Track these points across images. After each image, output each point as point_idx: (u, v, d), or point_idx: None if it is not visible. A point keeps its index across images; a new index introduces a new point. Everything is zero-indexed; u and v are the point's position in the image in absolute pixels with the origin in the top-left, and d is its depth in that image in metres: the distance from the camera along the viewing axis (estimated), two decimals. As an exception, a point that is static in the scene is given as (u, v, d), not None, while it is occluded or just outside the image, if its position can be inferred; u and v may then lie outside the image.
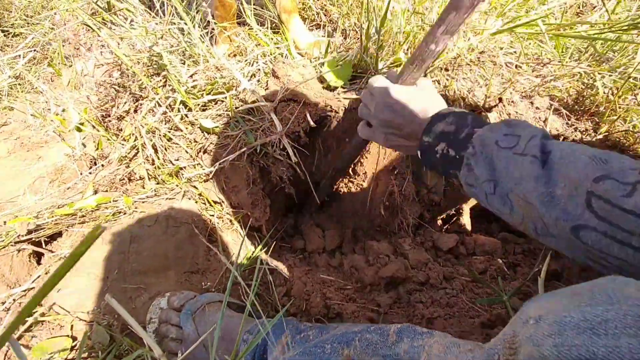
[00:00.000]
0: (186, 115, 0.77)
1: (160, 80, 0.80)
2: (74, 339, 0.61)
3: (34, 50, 1.33)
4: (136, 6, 0.95)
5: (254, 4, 0.94)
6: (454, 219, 1.02)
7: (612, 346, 0.24)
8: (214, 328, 0.54)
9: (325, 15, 0.96)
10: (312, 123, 0.77)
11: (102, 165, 0.84)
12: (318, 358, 0.47)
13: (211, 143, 0.76)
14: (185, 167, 0.77)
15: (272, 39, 0.87)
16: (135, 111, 0.81)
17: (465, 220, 1.00)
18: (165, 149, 0.77)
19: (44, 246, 0.70)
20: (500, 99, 0.86)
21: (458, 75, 0.86)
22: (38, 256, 0.72)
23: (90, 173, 0.83)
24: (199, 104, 0.78)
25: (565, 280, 0.80)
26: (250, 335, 0.55)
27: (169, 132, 0.77)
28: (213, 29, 0.88)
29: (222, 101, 0.78)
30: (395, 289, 0.75)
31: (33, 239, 0.69)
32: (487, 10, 0.91)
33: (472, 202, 1.00)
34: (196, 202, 0.78)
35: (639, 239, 0.32)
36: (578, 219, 0.36)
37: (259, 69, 0.81)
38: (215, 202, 0.79)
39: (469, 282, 0.77)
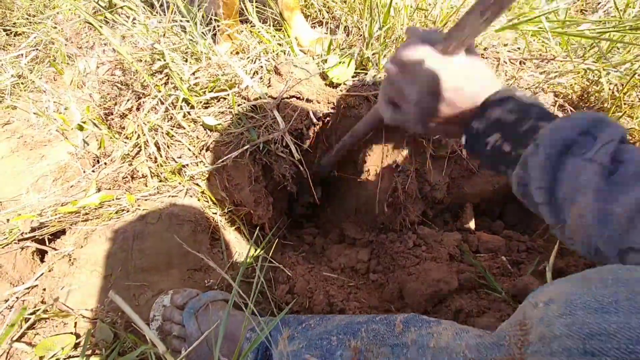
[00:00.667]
0: (188, 112, 0.77)
1: (163, 78, 0.80)
2: (78, 336, 0.61)
3: (37, 49, 1.33)
4: (138, 4, 0.95)
5: (256, 2, 0.94)
6: (457, 216, 1.01)
7: (622, 323, 0.24)
8: (217, 326, 0.54)
9: (327, 12, 0.96)
10: (315, 120, 0.76)
11: (105, 164, 0.84)
12: (325, 350, 0.46)
13: (214, 140, 0.76)
14: (187, 165, 0.77)
15: (274, 36, 0.87)
16: (138, 109, 0.81)
17: (469, 217, 0.99)
18: (168, 146, 0.77)
19: (47, 244, 0.70)
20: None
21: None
22: (41, 254, 0.72)
23: (93, 171, 0.83)
24: (201, 102, 0.78)
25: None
26: (254, 333, 0.55)
27: (172, 129, 0.77)
28: (215, 26, 0.87)
29: (225, 99, 0.78)
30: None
31: (36, 237, 0.69)
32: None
33: (476, 199, 1.00)
34: (199, 199, 0.78)
35: None
36: (632, 242, 0.32)
37: (262, 67, 0.81)
38: (217, 200, 0.79)
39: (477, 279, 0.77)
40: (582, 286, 0.28)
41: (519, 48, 0.97)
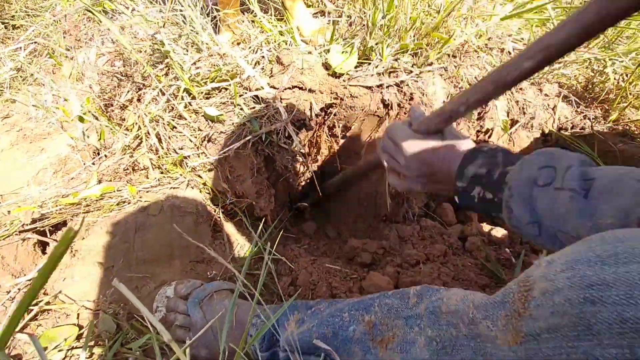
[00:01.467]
0: (190, 103, 0.76)
1: (163, 68, 0.79)
2: (80, 327, 0.60)
3: (35, 42, 1.32)
4: (137, -6, 0.94)
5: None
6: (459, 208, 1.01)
7: (621, 272, 0.26)
8: (223, 313, 0.54)
9: (330, 1, 0.94)
10: (317, 110, 0.75)
11: (106, 156, 0.83)
12: (337, 327, 0.46)
13: (215, 131, 0.75)
14: (189, 156, 0.76)
15: (275, 26, 0.85)
16: (139, 100, 0.80)
17: (472, 210, 0.99)
18: (169, 137, 0.76)
19: (48, 236, 0.70)
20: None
21: (466, 62, 0.84)
22: (43, 245, 0.71)
23: (93, 163, 0.82)
24: (202, 92, 0.77)
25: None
26: (259, 320, 0.55)
27: (173, 120, 0.76)
28: (216, 16, 0.86)
29: (226, 89, 0.77)
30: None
31: (38, 228, 0.69)
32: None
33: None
34: (200, 191, 0.78)
35: None
36: None
37: (263, 57, 0.80)
38: (219, 192, 0.78)
39: (478, 272, 0.76)
40: (582, 245, 0.30)
41: (522, 38, 0.96)
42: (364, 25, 0.83)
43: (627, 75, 0.84)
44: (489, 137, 0.88)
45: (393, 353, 0.40)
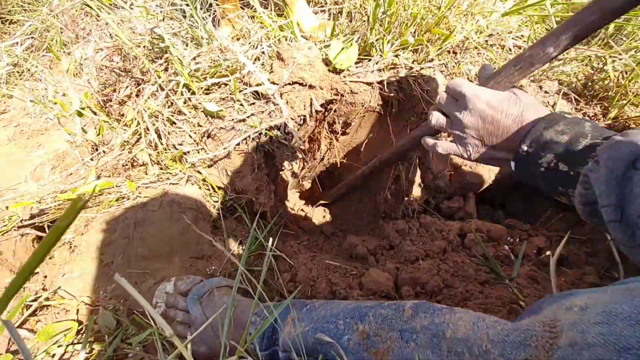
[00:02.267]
0: (189, 98, 0.76)
1: (163, 63, 0.79)
2: (80, 323, 0.60)
3: (32, 37, 1.31)
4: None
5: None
6: (460, 205, 1.01)
7: None
8: (223, 309, 0.54)
9: (330, -3, 0.94)
10: (318, 107, 0.75)
11: (104, 151, 0.83)
12: (332, 334, 0.45)
13: (215, 127, 0.75)
14: (188, 152, 0.76)
15: (275, 21, 0.85)
16: (137, 95, 0.80)
17: (471, 206, 0.99)
18: (169, 133, 0.76)
19: (47, 231, 0.69)
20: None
21: (466, 59, 0.84)
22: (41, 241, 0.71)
23: (92, 159, 0.82)
24: (202, 87, 0.76)
25: (571, 265, 0.79)
26: (259, 317, 0.55)
27: (172, 116, 0.76)
28: (215, 11, 0.86)
29: (226, 84, 0.77)
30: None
31: (36, 224, 0.68)
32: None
33: (478, 189, 1.00)
34: (200, 187, 0.77)
35: None
36: None
37: (263, 52, 0.79)
38: (219, 188, 0.78)
39: (477, 269, 0.77)
40: (624, 296, 0.26)
41: (522, 35, 0.96)
42: (364, 21, 0.82)
43: (627, 73, 0.84)
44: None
45: None
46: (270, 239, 0.52)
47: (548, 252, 0.79)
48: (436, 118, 0.58)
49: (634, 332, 0.23)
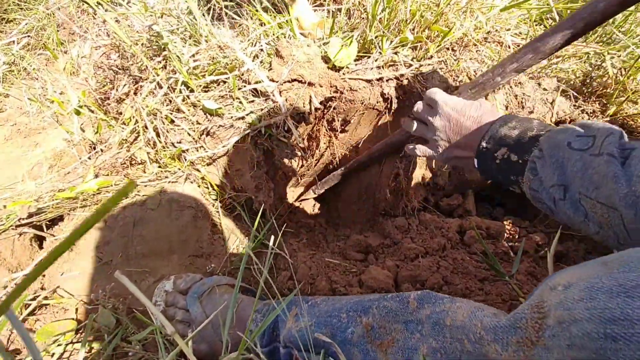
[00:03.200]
0: (188, 96, 0.75)
1: (161, 60, 0.78)
2: (79, 321, 0.60)
3: (28, 35, 1.30)
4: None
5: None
6: (459, 202, 1.01)
7: None
8: (224, 307, 0.54)
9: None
10: (317, 104, 0.75)
11: (102, 150, 0.82)
12: (335, 328, 0.45)
13: (214, 125, 0.74)
14: (187, 150, 0.75)
15: (275, 18, 0.85)
16: (136, 93, 0.79)
17: (470, 203, 0.99)
18: (167, 131, 0.75)
19: (45, 230, 0.69)
20: (508, 81, 0.85)
21: (464, 56, 0.84)
22: (40, 240, 0.70)
23: (89, 158, 0.81)
24: (201, 85, 0.76)
25: (570, 262, 0.79)
26: (260, 314, 0.54)
27: (171, 114, 0.75)
28: (214, 7, 0.85)
29: (225, 82, 0.76)
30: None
31: (34, 223, 0.68)
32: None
33: (477, 186, 1.00)
34: (199, 185, 0.77)
35: None
36: None
37: (262, 49, 0.79)
38: (218, 186, 0.78)
39: (476, 266, 0.77)
40: (603, 270, 0.27)
41: (521, 32, 0.96)
42: (363, 18, 0.82)
43: (625, 70, 0.84)
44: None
45: (394, 359, 0.39)
46: (272, 237, 0.52)
47: (547, 249, 0.79)
48: (415, 126, 0.68)
49: (617, 304, 0.25)
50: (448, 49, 0.84)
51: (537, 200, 0.47)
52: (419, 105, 0.66)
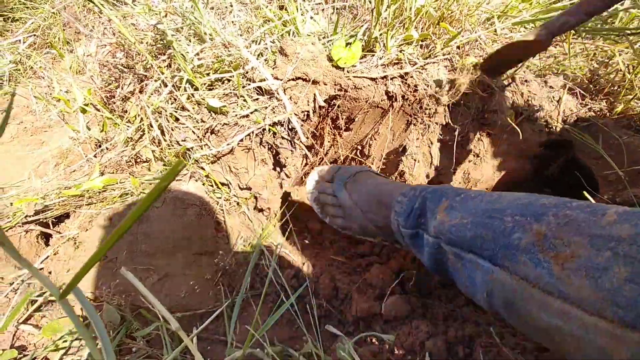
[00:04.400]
0: (192, 94, 0.75)
1: (166, 59, 0.78)
2: (84, 318, 0.60)
3: (34, 34, 1.31)
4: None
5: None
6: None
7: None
8: (369, 192, 0.63)
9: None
10: (321, 102, 0.75)
11: (107, 148, 0.83)
12: (497, 231, 0.39)
13: (218, 123, 0.74)
14: (192, 148, 0.75)
15: (280, 17, 0.84)
16: (141, 91, 0.80)
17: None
18: (172, 129, 0.75)
19: (51, 227, 0.70)
20: (513, 78, 0.84)
21: (472, 53, 0.84)
22: (46, 237, 0.71)
23: (95, 156, 0.82)
24: (205, 83, 0.76)
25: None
26: (405, 197, 0.56)
27: (175, 112, 0.75)
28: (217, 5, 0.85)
29: (229, 80, 0.76)
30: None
31: (40, 220, 0.68)
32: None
33: (482, 184, 0.99)
34: (204, 183, 0.77)
35: None
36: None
37: (266, 47, 0.79)
38: (222, 184, 0.78)
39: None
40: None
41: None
42: (368, 15, 0.82)
43: (633, 67, 0.83)
44: (493, 129, 0.87)
45: (574, 276, 0.32)
46: (280, 235, 0.52)
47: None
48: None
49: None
50: (453, 46, 0.83)
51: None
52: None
